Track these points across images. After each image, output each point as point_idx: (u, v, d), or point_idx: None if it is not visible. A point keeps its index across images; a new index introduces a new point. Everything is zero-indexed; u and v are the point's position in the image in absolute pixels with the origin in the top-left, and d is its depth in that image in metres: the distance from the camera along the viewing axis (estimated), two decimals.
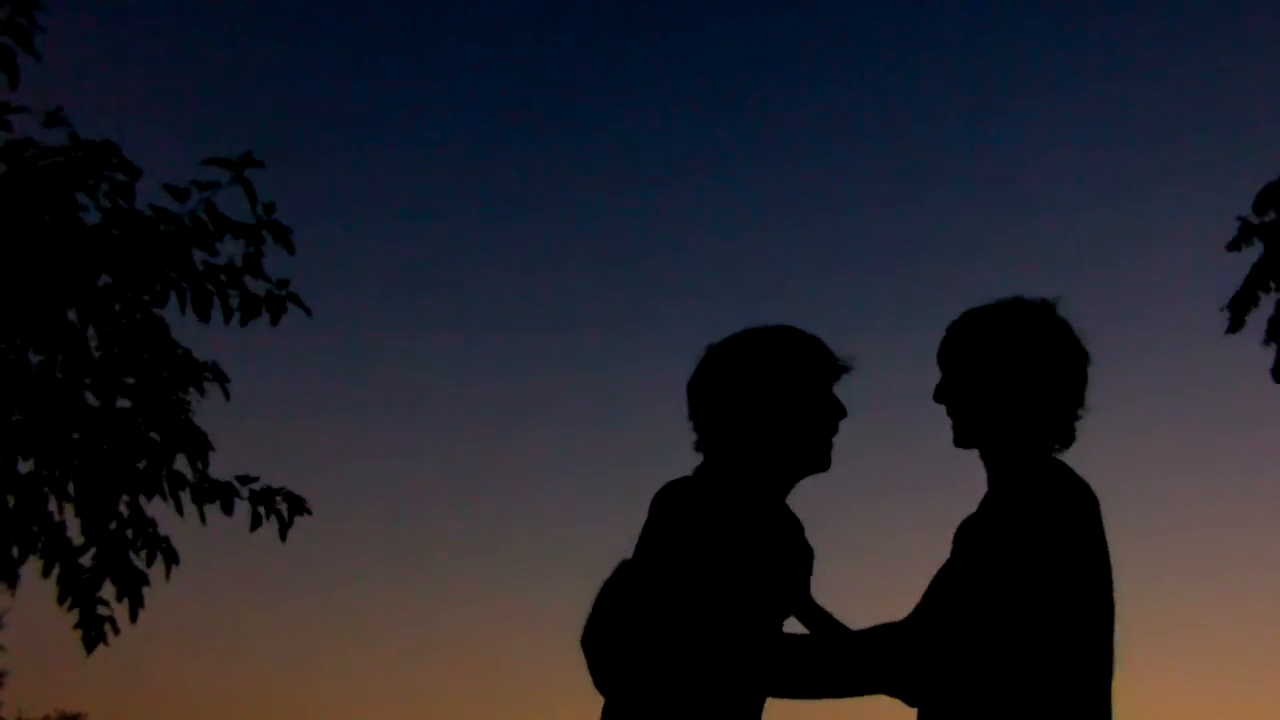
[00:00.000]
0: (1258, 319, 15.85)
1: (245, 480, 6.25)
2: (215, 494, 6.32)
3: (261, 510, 6.13)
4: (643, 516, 2.24)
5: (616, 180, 27.51)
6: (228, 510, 6.08)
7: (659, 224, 27.99)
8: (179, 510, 6.11)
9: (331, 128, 26.66)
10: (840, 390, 2.39)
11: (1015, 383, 2.10)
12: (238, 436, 15.93)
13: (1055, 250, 26.01)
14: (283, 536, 6.34)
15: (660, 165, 27.75)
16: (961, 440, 2.14)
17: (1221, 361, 25.03)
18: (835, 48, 28.37)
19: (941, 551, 2.15)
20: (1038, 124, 27.03)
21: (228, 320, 5.83)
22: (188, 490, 6.11)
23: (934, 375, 2.30)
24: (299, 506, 6.51)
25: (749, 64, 28.48)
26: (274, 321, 5.89)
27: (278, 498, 6.18)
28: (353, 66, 26.94)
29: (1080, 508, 2.00)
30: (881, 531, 25.43)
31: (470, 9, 27.75)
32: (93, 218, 5.40)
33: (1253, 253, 12.44)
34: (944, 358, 2.17)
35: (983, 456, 2.16)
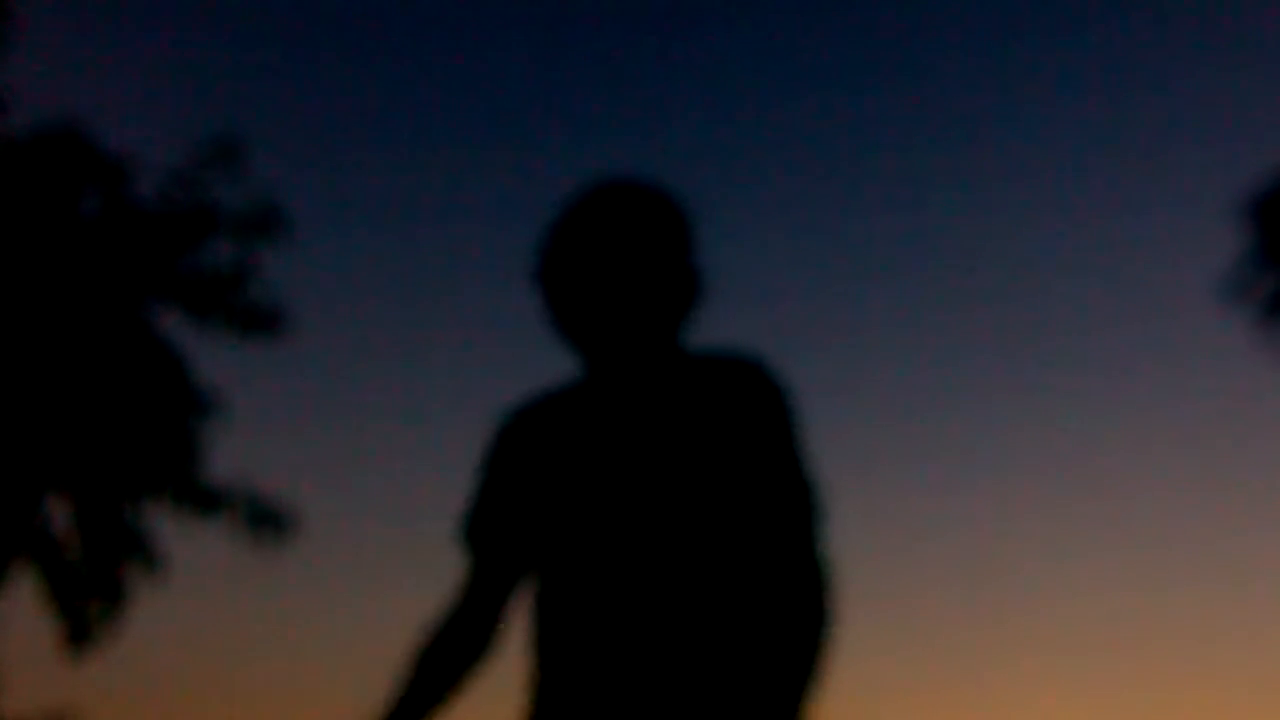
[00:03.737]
0: (1256, 301, 15.82)
1: (232, 495, 6.28)
2: (204, 502, 6.37)
3: (248, 523, 6.16)
4: None
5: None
6: (211, 515, 6.13)
7: None
8: (175, 513, 6.16)
9: (331, 128, 26.61)
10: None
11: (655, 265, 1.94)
12: (239, 438, 15.93)
13: (1055, 250, 26.01)
14: (269, 548, 6.37)
15: (660, 166, 27.75)
16: (604, 344, 1.93)
17: (1219, 357, 25.04)
18: (836, 50, 28.33)
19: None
20: (1038, 124, 27.02)
21: (225, 329, 5.85)
22: (179, 497, 6.16)
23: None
24: (282, 521, 6.54)
25: (749, 66, 28.43)
26: (272, 330, 5.91)
27: (265, 513, 6.21)
28: (352, 67, 26.90)
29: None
30: (881, 526, 25.41)
31: (471, 11, 27.70)
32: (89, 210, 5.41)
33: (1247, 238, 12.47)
34: (570, 269, 1.95)
35: (607, 351, 1.95)
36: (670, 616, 1.81)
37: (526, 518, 1.96)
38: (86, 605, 13.56)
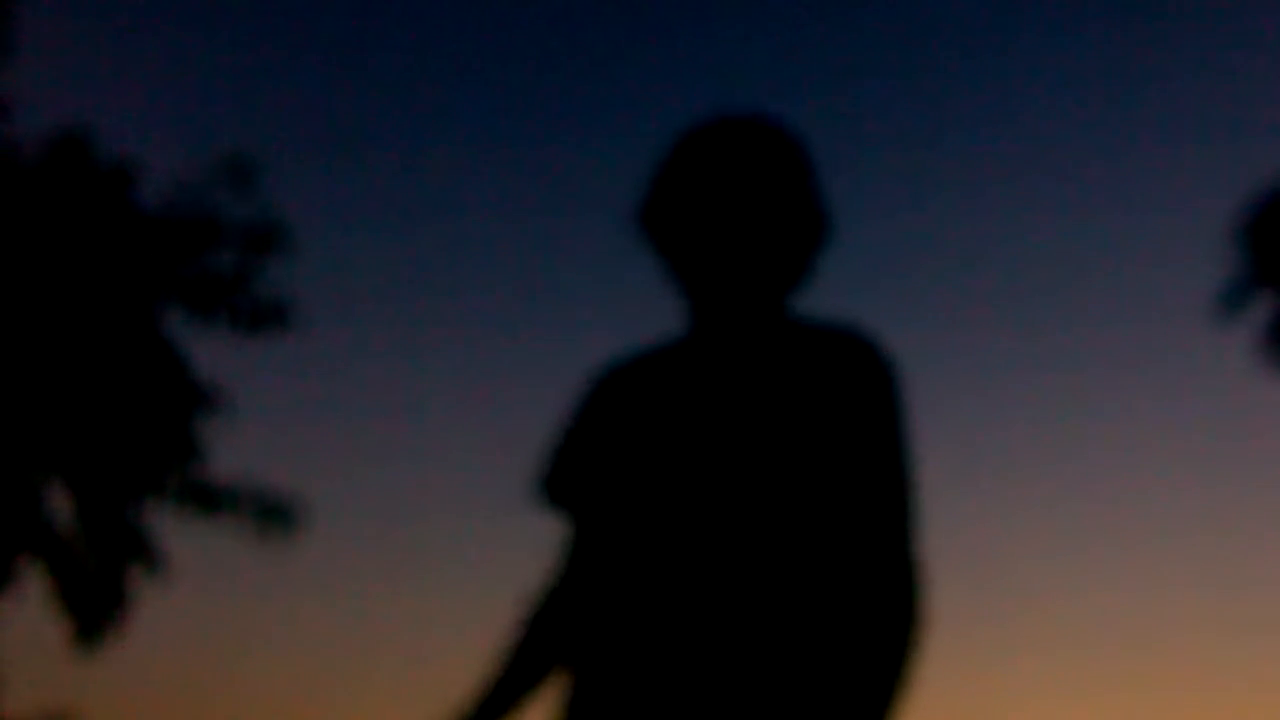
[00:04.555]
0: (1253, 319, 15.90)
1: (236, 492, 6.33)
2: (206, 500, 6.41)
3: (251, 521, 6.20)
4: None
5: (616, 181, 27.50)
6: (216, 512, 6.17)
7: None
8: (177, 513, 6.21)
9: (331, 129, 26.65)
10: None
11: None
12: (244, 437, 15.92)
13: (1055, 250, 26.04)
14: (277, 545, 6.41)
15: None
16: (730, 295, 1.77)
17: (1221, 357, 25.06)
18: (836, 50, 28.36)
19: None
20: (1038, 124, 27.04)
21: (232, 329, 5.89)
22: (182, 496, 6.21)
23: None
24: (290, 515, 6.57)
25: (749, 65, 28.47)
26: (276, 329, 5.95)
27: (267, 511, 6.25)
28: (354, 68, 26.93)
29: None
30: None
31: (471, 12, 27.74)
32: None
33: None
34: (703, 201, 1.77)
35: (725, 307, 1.79)
36: (726, 607, 1.62)
37: (602, 480, 1.76)
38: (93, 603, 13.65)
